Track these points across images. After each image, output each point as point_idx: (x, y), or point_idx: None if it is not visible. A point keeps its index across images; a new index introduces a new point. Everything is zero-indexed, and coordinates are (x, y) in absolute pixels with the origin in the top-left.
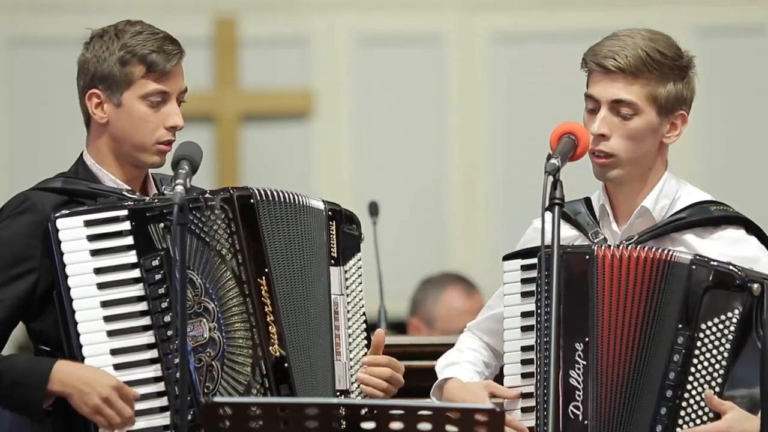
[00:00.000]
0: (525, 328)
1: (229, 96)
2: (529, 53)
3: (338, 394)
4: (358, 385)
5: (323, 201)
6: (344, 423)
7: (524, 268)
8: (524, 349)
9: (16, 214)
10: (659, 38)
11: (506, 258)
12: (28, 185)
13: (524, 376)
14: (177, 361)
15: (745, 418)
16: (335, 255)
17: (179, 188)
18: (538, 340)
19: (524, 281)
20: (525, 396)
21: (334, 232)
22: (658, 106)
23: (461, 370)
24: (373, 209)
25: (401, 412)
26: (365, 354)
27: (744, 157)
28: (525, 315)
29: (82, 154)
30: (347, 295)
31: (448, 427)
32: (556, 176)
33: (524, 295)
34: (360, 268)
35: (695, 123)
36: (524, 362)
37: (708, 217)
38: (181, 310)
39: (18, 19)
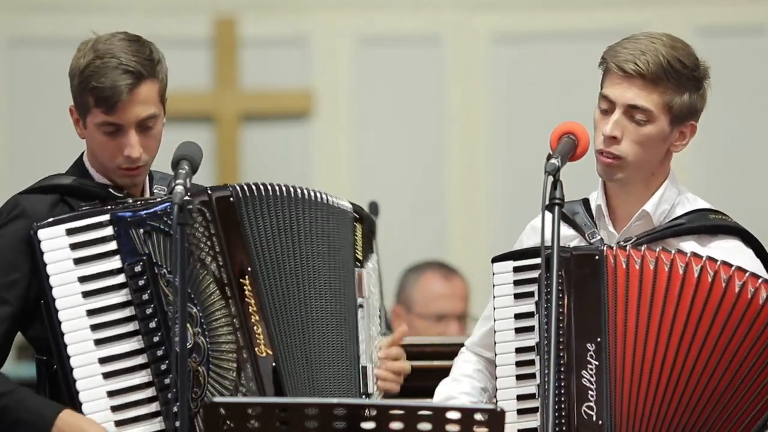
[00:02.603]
0: (520, 330)
1: (229, 96)
2: (529, 53)
3: (363, 396)
4: (377, 388)
5: (350, 203)
6: (344, 423)
7: (517, 269)
8: (519, 350)
9: (8, 221)
10: (679, 46)
11: (496, 260)
12: (28, 185)
13: (520, 378)
14: (164, 367)
15: None
16: (360, 257)
17: (179, 188)
18: (543, 342)
19: (518, 283)
20: (522, 398)
21: (359, 235)
22: (672, 116)
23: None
24: (373, 209)
25: (401, 412)
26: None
27: (744, 157)
28: (519, 317)
29: (82, 155)
30: (369, 296)
31: (448, 427)
32: (556, 176)
33: (518, 296)
34: (377, 268)
35: None
36: (519, 364)
37: (705, 225)
38: (181, 313)
39: (18, 19)
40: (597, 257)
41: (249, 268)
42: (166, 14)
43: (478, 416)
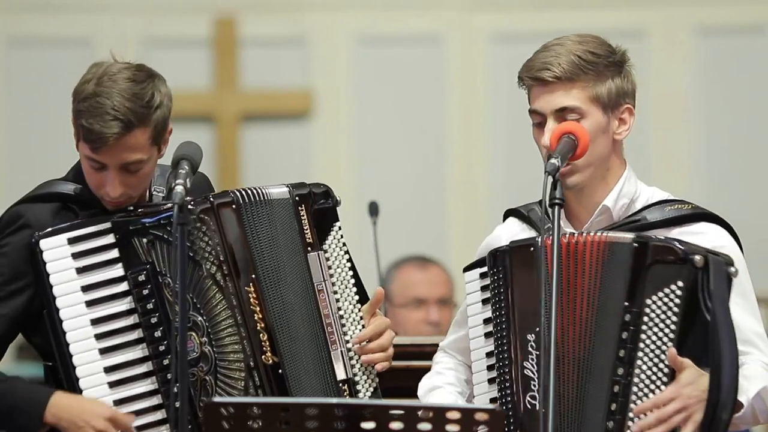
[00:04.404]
0: (488, 334)
1: (229, 96)
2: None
3: (341, 384)
4: (361, 366)
5: (287, 186)
6: (344, 423)
7: (483, 275)
8: (489, 355)
9: (12, 232)
10: (589, 39)
11: (466, 269)
12: (26, 185)
13: (491, 381)
14: (170, 375)
15: (700, 376)
16: (311, 240)
17: (179, 188)
18: (495, 341)
19: (483, 288)
20: (494, 401)
21: (305, 216)
22: (602, 105)
23: (444, 394)
24: (373, 209)
25: (401, 412)
26: (362, 326)
27: (744, 156)
28: (487, 321)
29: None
30: (331, 276)
31: (448, 427)
32: (556, 176)
33: (485, 302)
34: (342, 237)
35: (695, 122)
36: (489, 368)
37: (661, 219)
38: (181, 315)
39: (18, 19)
40: (532, 248)
41: (253, 276)
42: (166, 14)
43: (478, 416)
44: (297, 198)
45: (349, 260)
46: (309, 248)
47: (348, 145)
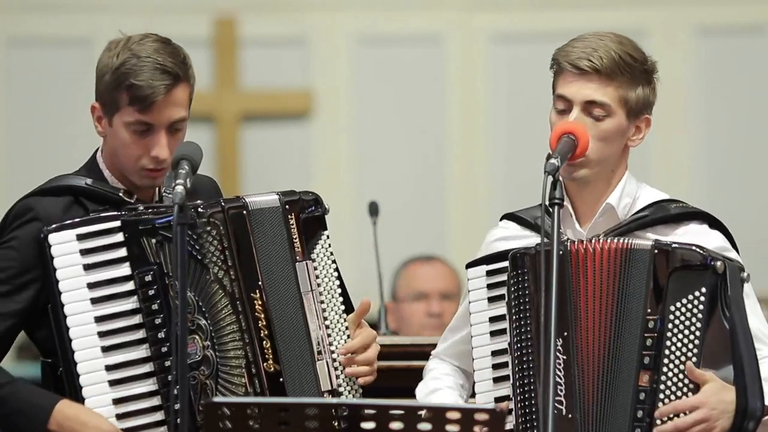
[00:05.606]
0: (495, 333)
1: (229, 96)
2: (529, 53)
3: (325, 395)
4: (345, 377)
5: (277, 193)
6: (344, 423)
7: (490, 273)
8: (495, 353)
9: (22, 224)
10: (627, 42)
11: (470, 265)
12: (26, 185)
13: (496, 380)
14: (171, 377)
15: (723, 388)
16: (299, 249)
17: (179, 188)
18: (514, 342)
19: (491, 286)
20: (499, 400)
21: (294, 225)
22: (628, 109)
23: (446, 395)
24: (373, 209)
25: (401, 412)
26: (348, 337)
27: (744, 156)
28: (494, 320)
29: (94, 155)
30: (318, 285)
31: (448, 427)
32: (556, 176)
33: (492, 300)
34: (329, 246)
35: (695, 122)
36: (496, 366)
37: (670, 214)
38: (181, 316)
39: (18, 19)
40: (561, 252)
41: (259, 283)
42: (166, 14)
43: (478, 416)
44: (287, 206)
45: (336, 270)
46: (297, 257)
47: (348, 145)
